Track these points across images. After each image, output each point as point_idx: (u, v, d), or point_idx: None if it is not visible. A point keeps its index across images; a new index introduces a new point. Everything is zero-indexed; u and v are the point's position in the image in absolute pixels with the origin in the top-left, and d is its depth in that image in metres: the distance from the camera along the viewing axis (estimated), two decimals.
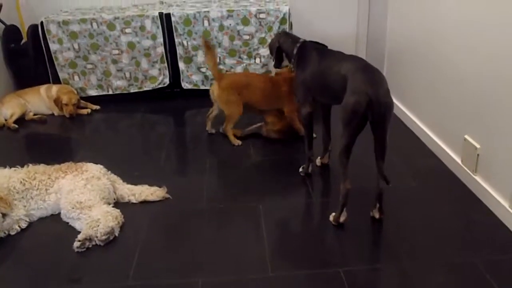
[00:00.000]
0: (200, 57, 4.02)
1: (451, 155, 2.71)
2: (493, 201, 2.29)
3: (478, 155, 2.42)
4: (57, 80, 4.08)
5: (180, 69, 4.07)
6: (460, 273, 1.91)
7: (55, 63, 4.03)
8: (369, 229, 2.23)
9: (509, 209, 2.16)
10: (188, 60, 4.05)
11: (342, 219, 2.24)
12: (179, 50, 4.01)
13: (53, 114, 3.93)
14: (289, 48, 2.65)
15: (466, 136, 2.53)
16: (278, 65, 2.81)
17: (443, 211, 2.34)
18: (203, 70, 4.08)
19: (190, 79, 4.11)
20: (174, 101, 4.15)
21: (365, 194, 2.34)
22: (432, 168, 2.78)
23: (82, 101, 4.02)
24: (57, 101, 3.83)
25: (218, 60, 4.02)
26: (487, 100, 2.32)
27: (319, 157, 2.84)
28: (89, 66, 4.06)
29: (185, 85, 4.13)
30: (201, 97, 4.14)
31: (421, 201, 2.45)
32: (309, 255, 2.08)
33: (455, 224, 2.24)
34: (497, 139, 2.26)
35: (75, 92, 3.99)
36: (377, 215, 2.28)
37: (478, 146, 2.42)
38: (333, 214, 2.27)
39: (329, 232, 2.23)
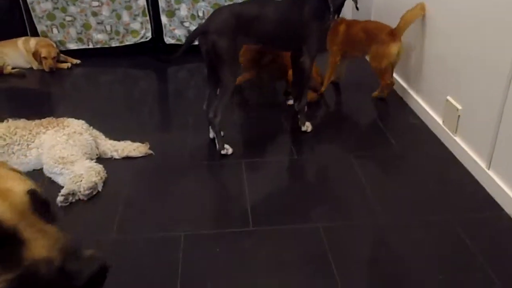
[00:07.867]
0: (183, 10, 3.92)
1: (433, 116, 2.75)
2: (471, 161, 2.34)
3: (459, 116, 2.45)
4: (35, 33, 3.95)
5: (163, 23, 3.97)
6: (435, 230, 1.97)
7: (32, 14, 3.89)
8: (346, 186, 2.28)
9: (486, 170, 2.22)
10: (171, 13, 3.94)
11: (229, 151, 2.53)
12: (161, 3, 3.89)
13: (32, 68, 3.83)
14: None
15: (448, 97, 2.56)
16: None
17: (421, 170, 2.40)
18: (186, 24, 3.98)
19: (173, 33, 4.02)
20: (157, 56, 4.07)
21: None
22: (413, 127, 2.82)
23: (62, 54, 3.91)
24: (35, 55, 3.72)
25: (202, 15, 3.93)
26: (470, 62, 2.33)
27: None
28: (68, 18, 3.93)
29: (168, 40, 4.04)
30: (185, 52, 4.07)
31: (400, 159, 2.49)
32: (290, 210, 2.12)
33: (432, 183, 2.29)
34: (478, 101, 2.29)
35: (54, 45, 3.88)
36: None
37: (459, 107, 2.45)
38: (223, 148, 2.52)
39: (310, 189, 2.27)
